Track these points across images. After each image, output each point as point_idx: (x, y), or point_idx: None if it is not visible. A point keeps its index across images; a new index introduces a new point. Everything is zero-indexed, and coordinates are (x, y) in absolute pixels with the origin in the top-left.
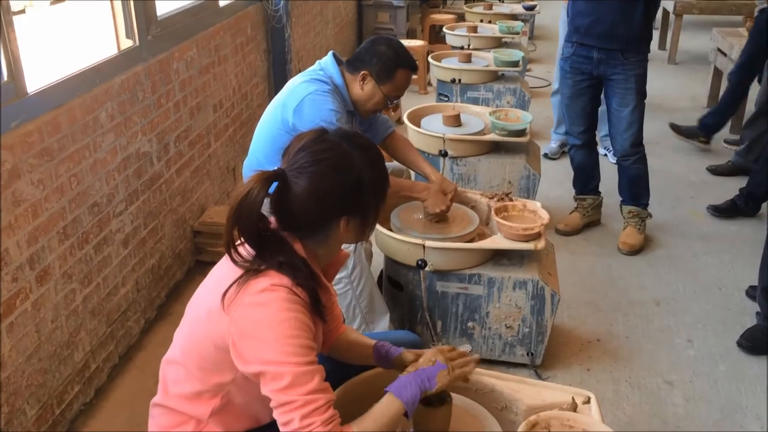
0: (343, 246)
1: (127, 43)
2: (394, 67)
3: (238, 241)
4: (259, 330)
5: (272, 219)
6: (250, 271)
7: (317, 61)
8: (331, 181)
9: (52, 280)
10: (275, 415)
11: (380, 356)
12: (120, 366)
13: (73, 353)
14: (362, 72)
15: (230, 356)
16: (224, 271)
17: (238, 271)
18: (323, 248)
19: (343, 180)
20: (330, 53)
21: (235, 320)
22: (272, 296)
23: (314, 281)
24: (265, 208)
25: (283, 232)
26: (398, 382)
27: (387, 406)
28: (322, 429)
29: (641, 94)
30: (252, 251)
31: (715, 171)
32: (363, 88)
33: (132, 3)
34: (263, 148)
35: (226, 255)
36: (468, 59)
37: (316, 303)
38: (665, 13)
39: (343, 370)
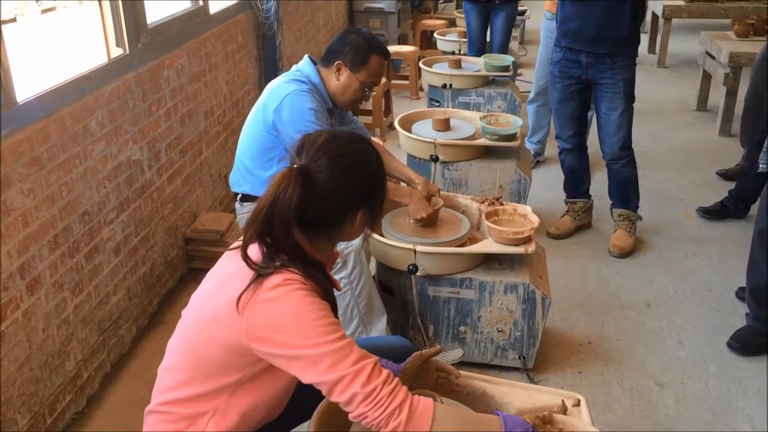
0: (346, 243)
1: (117, 52)
2: (367, 53)
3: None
4: (283, 321)
5: None
6: (264, 270)
7: (293, 66)
8: (354, 175)
9: (42, 289)
10: (334, 398)
11: None
12: (112, 374)
13: (64, 362)
14: (336, 62)
15: (238, 357)
16: (227, 274)
17: (246, 273)
18: (329, 244)
19: (364, 173)
20: (305, 56)
21: (252, 319)
22: (287, 289)
23: (326, 278)
24: None
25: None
26: (514, 419)
27: (486, 421)
28: (387, 389)
29: (630, 97)
30: (262, 252)
31: (725, 175)
32: (339, 78)
33: (122, 11)
34: (248, 151)
35: (228, 259)
36: (459, 65)
37: (330, 294)
38: (654, 16)
39: None
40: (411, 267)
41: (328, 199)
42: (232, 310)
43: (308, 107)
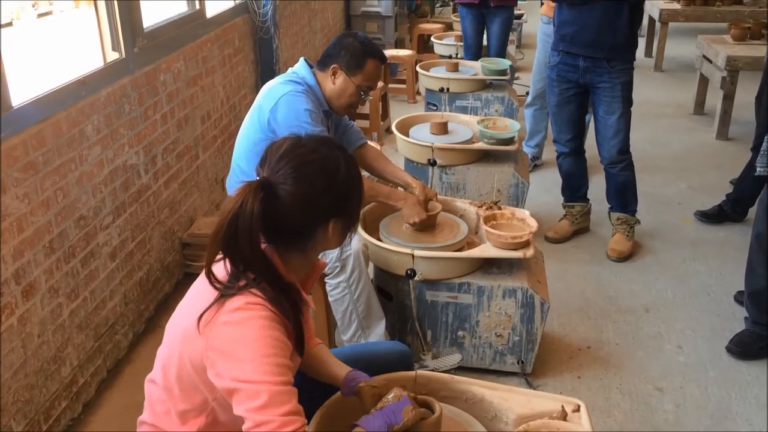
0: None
1: (113, 56)
2: (363, 57)
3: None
4: (235, 348)
5: None
6: (228, 291)
7: (289, 68)
8: (320, 184)
9: (38, 295)
10: None
11: (348, 387)
12: (108, 380)
13: (60, 368)
14: (332, 66)
15: (207, 377)
16: (199, 290)
17: (212, 291)
18: (302, 258)
19: (332, 181)
20: (301, 59)
21: (210, 340)
22: (248, 314)
23: (295, 296)
24: None
25: (263, 245)
26: (365, 418)
27: None
28: None
29: (627, 101)
30: (226, 270)
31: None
32: (335, 82)
33: (118, 15)
34: (245, 153)
35: (203, 274)
36: (456, 68)
37: (296, 321)
38: (651, 20)
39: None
40: (409, 271)
41: (294, 211)
42: (196, 328)
43: (304, 108)
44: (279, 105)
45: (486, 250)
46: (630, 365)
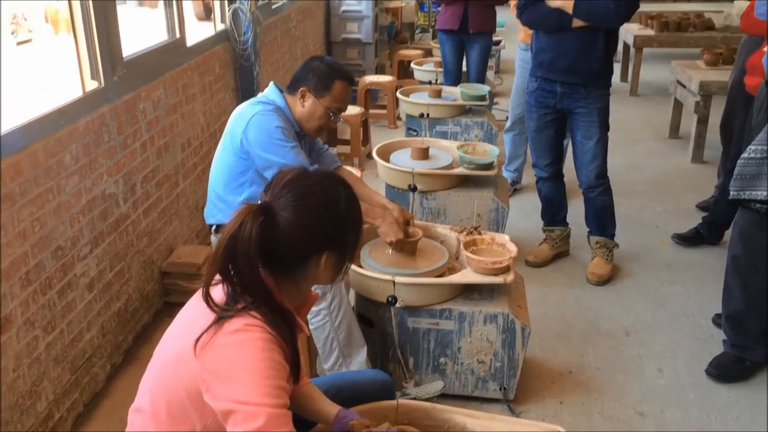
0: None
1: (92, 85)
2: (330, 79)
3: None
4: (233, 370)
5: None
6: (226, 313)
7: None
8: (319, 215)
9: (14, 328)
10: None
11: (339, 425)
12: (85, 414)
13: (35, 403)
14: (301, 89)
15: (201, 403)
16: (194, 313)
17: (209, 314)
18: (294, 288)
19: (331, 214)
20: (271, 83)
21: (207, 363)
22: (247, 336)
23: (291, 321)
24: None
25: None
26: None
27: None
28: None
29: (604, 126)
30: (224, 293)
31: (705, 208)
32: (304, 105)
33: (97, 44)
34: (220, 178)
35: (198, 297)
36: (436, 94)
37: (292, 345)
38: (626, 46)
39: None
40: (390, 298)
41: (290, 238)
42: (192, 351)
43: (275, 125)
44: (250, 125)
45: (466, 275)
46: (611, 389)
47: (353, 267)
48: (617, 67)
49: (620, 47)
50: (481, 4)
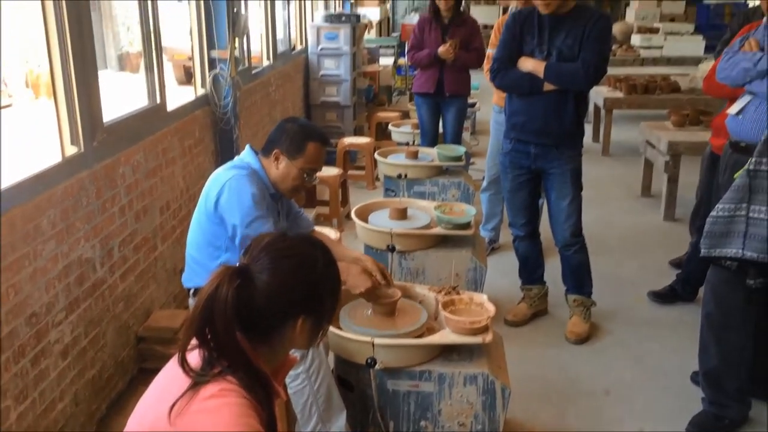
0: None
1: (72, 150)
2: (303, 141)
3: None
4: None
5: None
6: (201, 378)
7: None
8: (295, 278)
9: None
10: None
11: None
12: None
13: None
14: (275, 152)
15: None
16: (170, 379)
17: (184, 379)
18: (272, 351)
19: (307, 278)
20: (247, 146)
21: (182, 430)
22: (223, 401)
23: (268, 386)
24: None
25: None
26: None
27: None
28: None
29: (578, 186)
30: (200, 357)
31: (678, 265)
32: (278, 167)
33: (77, 109)
34: (196, 242)
35: (174, 362)
36: (414, 155)
37: (269, 410)
38: (597, 108)
39: None
40: (369, 360)
41: (266, 301)
42: (167, 418)
43: (248, 192)
44: (224, 190)
45: (445, 336)
46: None
47: (332, 329)
48: (589, 128)
49: (591, 109)
50: (455, 68)
